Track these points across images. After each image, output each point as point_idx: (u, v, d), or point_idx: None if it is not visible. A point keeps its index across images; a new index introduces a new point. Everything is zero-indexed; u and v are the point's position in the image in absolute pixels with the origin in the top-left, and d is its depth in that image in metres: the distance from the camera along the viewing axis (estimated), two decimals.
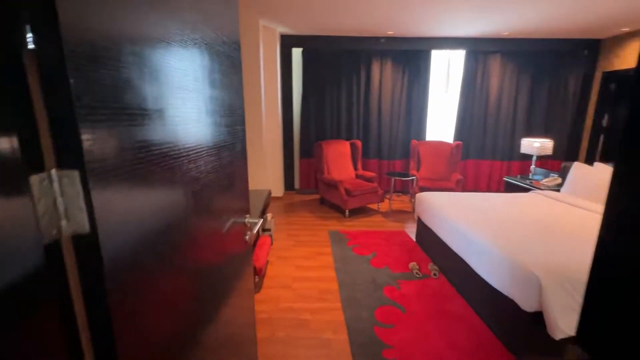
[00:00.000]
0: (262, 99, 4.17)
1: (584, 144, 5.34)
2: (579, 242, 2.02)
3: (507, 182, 4.29)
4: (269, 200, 3.26)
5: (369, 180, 4.57)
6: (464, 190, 4.51)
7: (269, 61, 4.50)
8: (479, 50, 5.03)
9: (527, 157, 5.42)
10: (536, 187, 3.75)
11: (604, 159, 5.09)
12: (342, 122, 5.15)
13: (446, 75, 5.28)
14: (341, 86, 5.03)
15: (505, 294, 1.87)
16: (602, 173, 2.94)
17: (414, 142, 5.03)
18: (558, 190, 3.55)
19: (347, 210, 4.19)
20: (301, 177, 5.38)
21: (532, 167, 4.16)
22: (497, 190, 5.56)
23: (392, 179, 4.44)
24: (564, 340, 1.62)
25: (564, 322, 1.64)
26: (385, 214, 4.38)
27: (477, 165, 5.45)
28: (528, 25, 4.30)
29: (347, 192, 4.15)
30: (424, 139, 5.31)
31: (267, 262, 2.94)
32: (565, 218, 2.53)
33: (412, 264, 2.86)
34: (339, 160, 4.71)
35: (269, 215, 3.30)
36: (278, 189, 5.11)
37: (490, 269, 2.02)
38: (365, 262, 2.95)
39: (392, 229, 3.82)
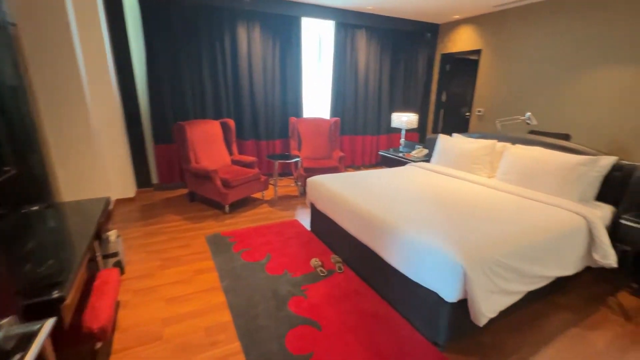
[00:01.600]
0: (79, 63, 2.81)
1: (430, 117, 6.20)
2: (482, 219, 2.04)
3: (382, 155, 4.47)
4: (108, 211, 2.21)
5: (248, 165, 3.93)
6: (344, 166, 4.49)
7: (87, 9, 3.08)
8: (347, 23, 4.94)
9: (392, 131, 5.90)
10: (408, 159, 3.99)
11: (444, 131, 6.04)
12: (207, 97, 4.21)
13: (318, 48, 5.01)
14: (201, 53, 4.04)
15: (426, 286, 1.70)
16: (462, 143, 3.26)
17: (292, 119, 4.62)
18: (427, 161, 3.87)
19: (227, 206, 3.46)
20: (160, 169, 4.22)
21: (402, 140, 4.45)
22: (372, 164, 5.90)
23: (276, 163, 3.94)
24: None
25: (487, 307, 1.57)
26: (271, 203, 3.88)
27: (352, 141, 5.57)
28: (387, 2, 4.40)
29: (225, 183, 3.41)
30: (302, 115, 4.98)
31: (117, 307, 2.00)
32: (454, 191, 2.63)
33: (314, 261, 2.49)
34: (210, 144, 3.85)
35: (111, 234, 2.26)
36: (127, 188, 3.83)
37: (406, 260, 1.82)
38: (259, 270, 2.40)
39: (283, 219, 3.37)
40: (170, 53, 3.89)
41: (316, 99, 5.26)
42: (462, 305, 1.60)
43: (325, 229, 2.82)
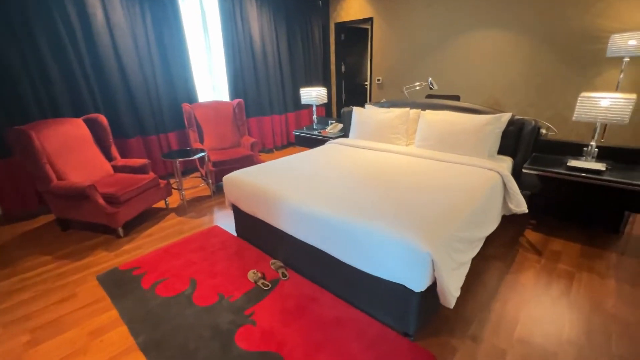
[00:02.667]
0: None
1: (334, 89, 6.14)
2: (423, 193, 1.97)
3: (296, 135, 4.18)
4: None
5: (139, 170, 3.13)
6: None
7: None
8: None
9: (299, 108, 5.64)
10: (325, 137, 3.82)
11: (348, 102, 6.10)
12: (55, 89, 3.10)
13: (202, 18, 4.23)
14: (34, 31, 2.88)
15: (391, 279, 1.55)
16: (377, 114, 3.23)
17: (186, 106, 3.87)
18: (344, 136, 3.76)
19: (119, 228, 2.69)
20: (2, 193, 3.01)
21: (314, 116, 4.23)
22: (284, 145, 5.57)
23: (175, 162, 3.23)
24: None
25: (454, 286, 1.51)
26: (180, 211, 3.23)
27: (260, 122, 5.10)
28: None
29: (111, 199, 2.62)
30: (198, 100, 4.23)
31: None
32: (384, 165, 2.54)
33: (252, 274, 2.12)
34: (75, 151, 2.88)
35: None
36: None
37: (363, 256, 1.63)
38: (186, 305, 1.90)
39: (200, 229, 2.82)
40: None
41: (212, 79, 4.53)
42: (429, 290, 1.51)
43: (256, 231, 2.44)
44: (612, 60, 3.28)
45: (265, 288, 2.01)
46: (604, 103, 2.19)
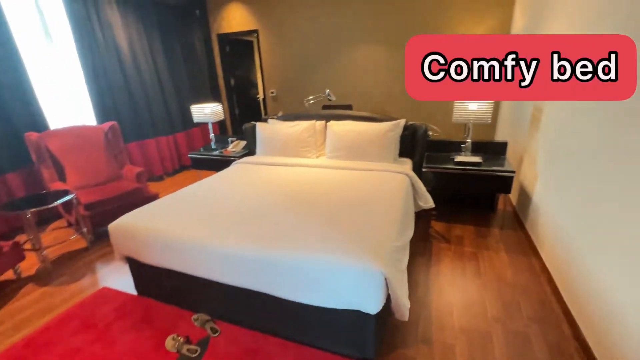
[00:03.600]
0: None
1: (225, 104, 5.76)
2: (352, 207, 1.93)
3: (194, 158, 3.69)
4: None
5: None
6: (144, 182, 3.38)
7: None
8: None
9: (189, 126, 5.05)
10: (228, 156, 3.48)
11: (242, 117, 5.83)
12: None
13: (41, 22, 3.29)
14: None
15: (343, 307, 1.44)
16: (284, 128, 3.11)
17: (32, 136, 2.93)
18: (249, 153, 3.51)
19: None
20: None
21: (212, 135, 3.81)
22: (175, 170, 4.88)
23: (27, 213, 2.36)
24: None
25: (406, 298, 1.51)
26: (42, 278, 2.38)
27: (142, 147, 4.32)
28: None
29: None
30: (48, 127, 3.27)
31: None
32: (302, 182, 2.42)
33: (172, 340, 1.69)
34: None
35: None
36: None
37: (309, 289, 1.47)
38: None
39: (81, 296, 2.13)
40: None
41: (66, 99, 3.58)
42: (382, 309, 1.46)
43: (165, 284, 1.97)
44: None
45: (194, 354, 1.62)
46: (472, 107, 2.64)
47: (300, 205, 1.98)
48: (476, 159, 2.70)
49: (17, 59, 2.97)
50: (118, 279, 2.30)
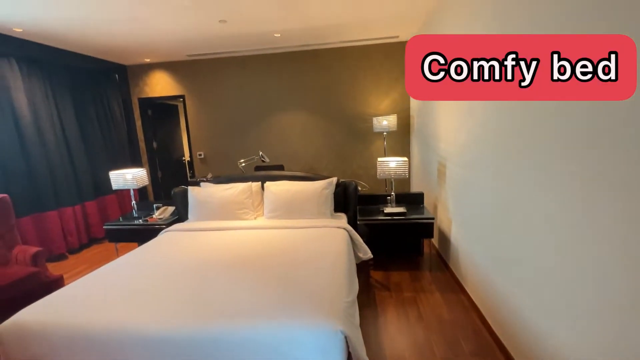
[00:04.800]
0: None
1: (147, 168, 5.39)
2: (297, 268, 1.93)
3: (110, 230, 3.25)
4: None
5: None
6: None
7: None
8: None
9: (100, 194, 4.51)
10: (154, 224, 3.18)
11: (166, 180, 5.51)
12: None
13: None
14: None
15: None
16: (218, 192, 3.05)
17: None
18: (178, 220, 3.27)
19: None
20: None
21: (134, 202, 3.46)
22: (83, 244, 4.17)
23: None
24: None
25: (364, 353, 1.51)
26: None
27: (39, 221, 3.65)
28: (46, 28, 3.25)
29: None
30: None
31: None
32: (240, 247, 2.34)
33: None
34: None
35: None
36: None
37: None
38: None
39: None
40: None
41: None
42: None
43: None
44: (377, 133, 4.68)
45: None
46: (391, 164, 3.04)
47: (242, 270, 1.91)
48: (401, 209, 3.03)
49: None
50: None
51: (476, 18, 2.19)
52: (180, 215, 3.28)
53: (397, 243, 3.41)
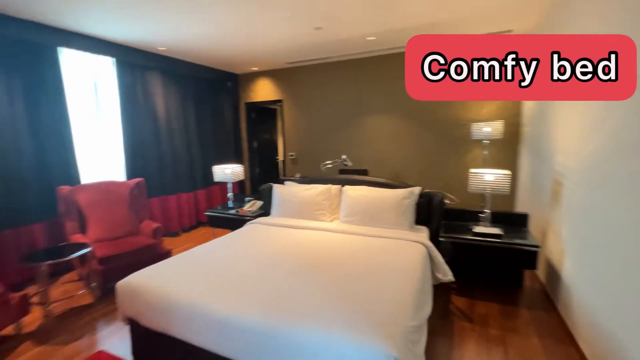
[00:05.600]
0: None
1: (247, 165, 6.04)
2: (363, 278, 1.85)
3: (210, 216, 3.76)
4: None
5: None
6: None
7: None
8: (134, 63, 4.02)
9: (209, 184, 5.25)
10: (244, 216, 3.52)
11: (263, 178, 6.05)
12: None
13: (94, 90, 3.75)
14: None
15: None
16: (300, 191, 3.18)
17: (63, 190, 3.12)
18: (264, 214, 3.54)
19: None
20: None
21: (230, 194, 3.93)
22: (192, 226, 4.94)
23: (41, 267, 2.39)
24: None
25: None
26: (42, 335, 2.30)
27: (163, 203, 4.47)
28: (181, 45, 3.95)
29: None
30: (79, 182, 3.49)
31: None
32: (315, 247, 2.38)
33: None
34: None
35: None
36: None
37: None
38: None
39: (76, 358, 2.01)
40: None
41: (101, 157, 3.87)
42: None
43: (165, 352, 1.85)
44: (476, 141, 4.15)
45: None
46: (488, 177, 2.63)
47: (310, 271, 1.92)
48: (496, 230, 2.60)
49: (66, 124, 3.32)
50: (117, 342, 2.19)
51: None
52: (266, 210, 3.54)
53: (488, 269, 2.94)
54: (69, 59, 3.42)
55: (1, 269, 2.84)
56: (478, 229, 2.66)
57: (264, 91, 5.62)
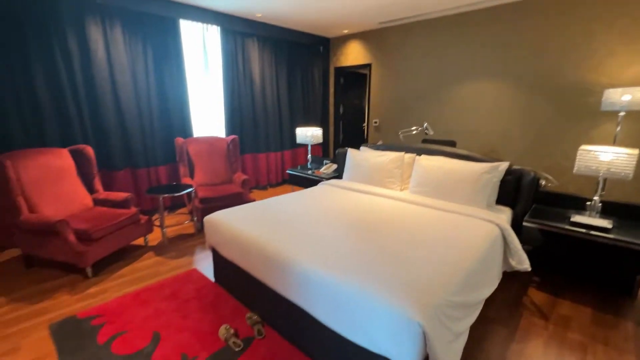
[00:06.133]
0: None
1: (331, 130, 6.18)
2: (414, 246, 1.81)
3: (290, 174, 4.09)
4: None
5: (121, 205, 2.97)
6: (249, 189, 3.92)
7: None
8: (236, 30, 4.43)
9: (295, 146, 5.62)
10: (318, 177, 3.71)
11: (345, 143, 6.12)
12: (44, 118, 3.04)
13: (204, 56, 4.33)
14: (29, 56, 2.90)
15: (373, 350, 1.34)
16: (372, 157, 3.15)
17: (179, 140, 3.82)
18: (338, 176, 3.66)
19: (88, 268, 2.48)
20: None
21: (309, 156, 4.17)
22: (278, 183, 5.46)
23: (160, 198, 3.09)
24: None
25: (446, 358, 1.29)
26: (160, 250, 3.02)
27: (255, 159, 5.03)
28: (276, 11, 4.12)
29: (83, 235, 2.44)
30: (192, 135, 4.20)
31: None
32: (375, 212, 2.40)
33: (224, 330, 1.87)
34: (55, 183, 2.75)
35: None
36: None
37: (343, 319, 1.43)
38: None
39: (177, 272, 2.60)
40: None
41: (208, 115, 4.54)
42: None
43: (235, 279, 2.22)
44: (607, 113, 3.28)
45: (237, 349, 1.76)
46: (604, 157, 2.10)
47: (368, 234, 1.95)
48: (604, 222, 2.11)
49: (184, 84, 3.98)
50: (205, 264, 2.72)
51: None
52: (340, 173, 3.65)
53: (586, 267, 2.44)
54: (185, 29, 4.00)
55: (136, 198, 3.75)
56: (579, 218, 2.21)
57: (353, 55, 5.51)
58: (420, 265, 1.56)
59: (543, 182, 2.56)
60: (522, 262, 2.10)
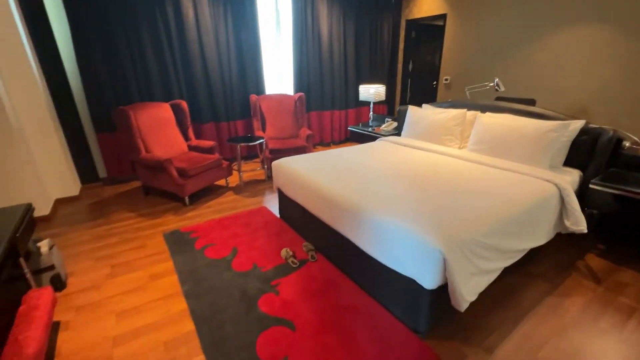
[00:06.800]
0: None
1: (398, 87, 6.03)
2: (456, 195, 1.93)
3: (352, 131, 4.27)
4: (32, 220, 1.87)
5: (208, 151, 3.59)
6: (313, 145, 4.26)
7: None
8: None
9: (360, 104, 5.69)
10: (378, 134, 3.83)
11: (412, 101, 5.94)
12: (152, 77, 3.72)
13: (276, 17, 4.57)
14: (140, 24, 3.51)
15: (403, 273, 1.58)
16: (432, 114, 3.13)
17: (253, 97, 4.26)
18: (397, 134, 3.73)
19: (186, 197, 3.16)
20: (107, 161, 3.75)
21: (371, 114, 4.27)
22: (341, 141, 5.70)
23: (238, 146, 3.62)
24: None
25: (468, 290, 1.48)
26: (237, 190, 3.61)
27: (320, 117, 5.30)
28: None
29: (182, 172, 3.08)
30: (264, 92, 4.62)
31: (55, 331, 1.72)
32: (426, 165, 2.51)
33: (285, 252, 2.31)
34: (161, 130, 3.44)
35: (43, 245, 1.92)
36: (68, 185, 3.37)
37: (380, 246, 1.68)
38: (225, 268, 2.18)
39: (250, 208, 3.13)
40: (99, 25, 3.33)
41: (278, 73, 4.88)
42: (442, 290, 1.49)
43: (295, 215, 2.63)
44: None
45: (294, 265, 2.18)
46: None
47: (413, 183, 2.10)
48: None
49: (258, 43, 4.32)
50: (272, 204, 3.20)
51: None
52: (400, 131, 3.71)
53: None
54: None
55: (219, 147, 4.40)
56: None
57: (427, 4, 5.13)
58: (459, 211, 1.68)
59: (627, 144, 2.29)
60: (578, 224, 2.03)
